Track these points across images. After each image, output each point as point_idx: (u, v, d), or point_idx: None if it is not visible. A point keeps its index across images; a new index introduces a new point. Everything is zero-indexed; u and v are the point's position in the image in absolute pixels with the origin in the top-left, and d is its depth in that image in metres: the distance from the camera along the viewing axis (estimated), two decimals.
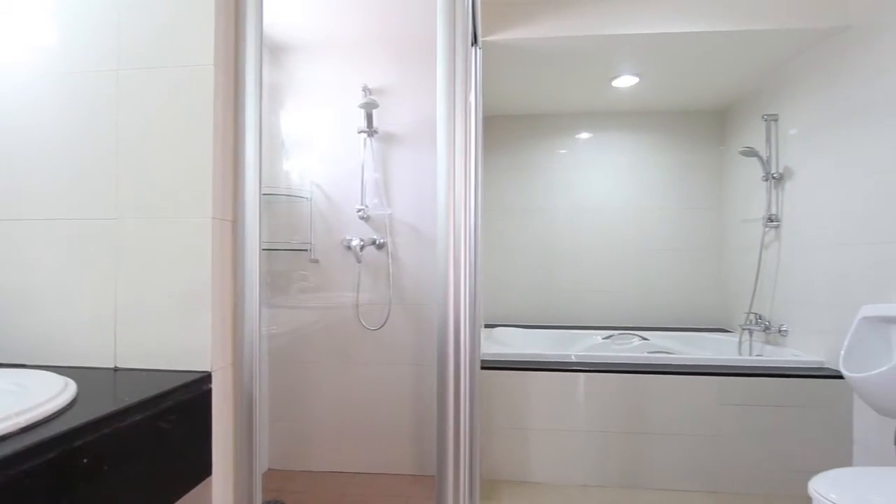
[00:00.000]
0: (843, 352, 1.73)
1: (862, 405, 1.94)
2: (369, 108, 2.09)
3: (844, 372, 1.67)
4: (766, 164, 2.55)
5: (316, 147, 2.25)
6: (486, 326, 3.08)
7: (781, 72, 2.49)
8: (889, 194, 1.81)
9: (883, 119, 1.84)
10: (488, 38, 2.17)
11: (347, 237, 2.20)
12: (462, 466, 0.81)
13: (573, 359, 2.21)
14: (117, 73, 0.89)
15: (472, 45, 1.36)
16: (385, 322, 2.19)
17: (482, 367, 2.15)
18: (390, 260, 2.19)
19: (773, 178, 2.52)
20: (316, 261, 2.24)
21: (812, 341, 2.23)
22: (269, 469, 2.24)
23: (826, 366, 2.10)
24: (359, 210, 2.18)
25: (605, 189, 3.20)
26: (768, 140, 2.57)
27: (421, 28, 2.12)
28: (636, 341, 2.83)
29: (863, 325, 1.75)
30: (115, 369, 0.88)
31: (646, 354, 2.31)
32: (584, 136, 3.22)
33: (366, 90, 2.16)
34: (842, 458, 1.99)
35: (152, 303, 0.87)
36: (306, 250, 2.25)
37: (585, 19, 2.15)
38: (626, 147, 3.19)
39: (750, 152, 2.54)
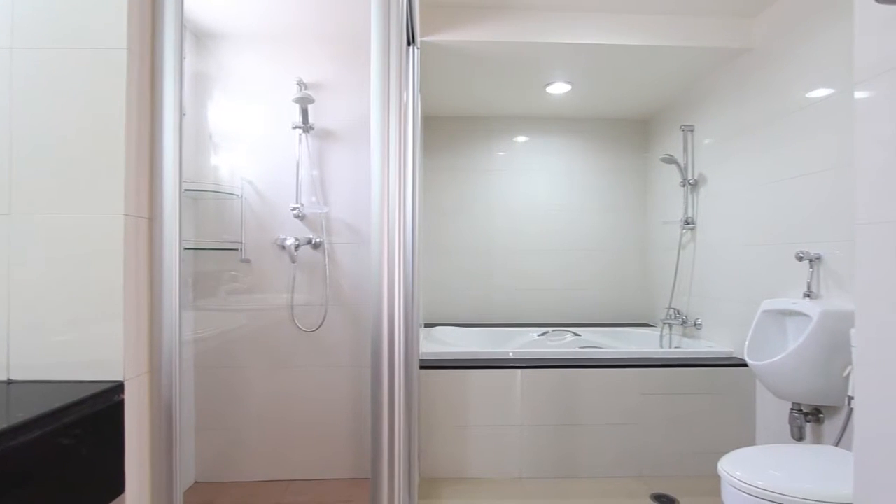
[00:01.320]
0: (747, 342, 1.91)
1: (763, 390, 2.15)
2: (304, 103, 2.03)
3: (748, 360, 1.85)
4: (683, 170, 2.76)
5: (247, 142, 2.14)
6: (426, 326, 3.09)
7: (697, 86, 2.71)
8: (785, 200, 2.02)
9: (780, 133, 2.06)
10: (427, 39, 2.17)
11: (281, 236, 2.12)
12: (397, 467, 0.81)
13: (511, 356, 2.27)
14: (11, 51, 0.79)
15: (410, 44, 1.36)
16: (322, 323, 2.13)
17: (421, 367, 2.15)
18: (327, 260, 2.14)
19: (690, 183, 2.73)
20: (247, 261, 2.14)
21: (723, 333, 2.44)
22: (196, 482, 2.10)
23: (734, 355, 2.31)
24: (293, 208, 2.10)
25: (540, 191, 3.31)
26: (685, 149, 2.78)
27: (358, 24, 2.08)
28: (569, 337, 2.96)
29: (763, 317, 1.94)
30: (9, 382, 0.79)
31: (577, 349, 2.42)
32: (521, 139, 3.32)
33: (301, 84, 2.09)
34: (747, 437, 2.20)
35: (54, 308, 0.79)
36: (237, 250, 2.14)
37: (521, 26, 2.21)
38: (560, 151, 3.32)
39: (669, 159, 2.74)
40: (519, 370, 2.18)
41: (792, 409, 1.86)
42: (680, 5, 2.16)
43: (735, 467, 1.34)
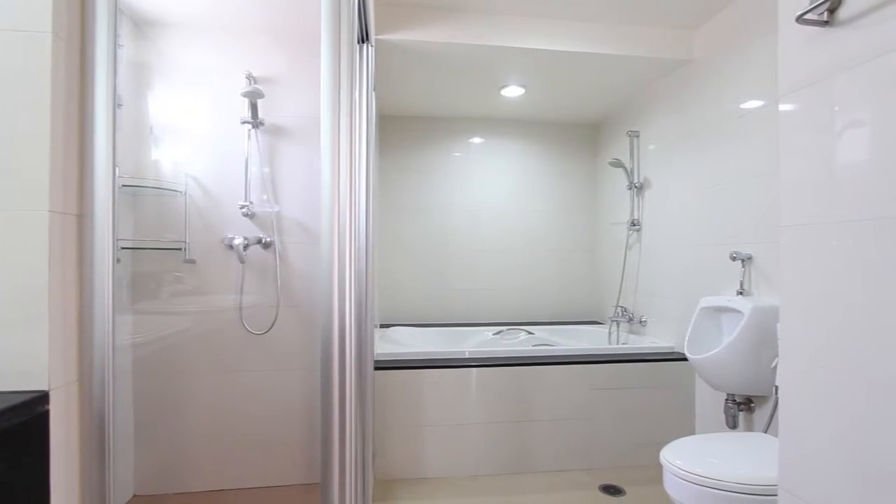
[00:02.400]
0: (687, 337, 2.02)
1: (701, 382, 2.29)
2: (254, 98, 1.96)
3: (688, 354, 1.96)
4: (629, 174, 2.88)
5: (192, 136, 2.04)
6: (382, 326, 3.06)
7: (642, 93, 2.84)
8: (721, 204, 2.16)
9: (716, 140, 2.19)
10: (382, 37, 2.15)
11: (229, 235, 2.03)
12: (348, 471, 0.79)
13: (467, 355, 2.29)
14: None
15: (363, 41, 1.34)
16: (272, 325, 2.06)
17: (376, 368, 2.13)
18: (278, 260, 2.07)
19: (636, 186, 2.86)
20: (192, 261, 2.04)
21: (665, 329, 2.57)
22: (135, 495, 1.98)
23: (675, 350, 2.44)
24: (242, 206, 2.02)
25: (495, 192, 3.36)
26: (631, 153, 2.91)
27: (310, 17, 2.03)
28: (523, 335, 3.02)
29: (701, 314, 2.06)
30: None
31: (531, 347, 2.47)
32: (477, 140, 3.35)
33: (250, 78, 2.02)
34: (687, 427, 2.33)
35: None
36: (180, 249, 2.04)
37: (476, 29, 2.24)
38: (515, 153, 3.39)
39: (617, 163, 2.86)
40: (474, 369, 2.20)
41: (727, 399, 1.98)
42: (627, 16, 2.25)
43: (675, 456, 1.41)
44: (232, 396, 2.05)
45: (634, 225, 2.85)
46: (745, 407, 1.97)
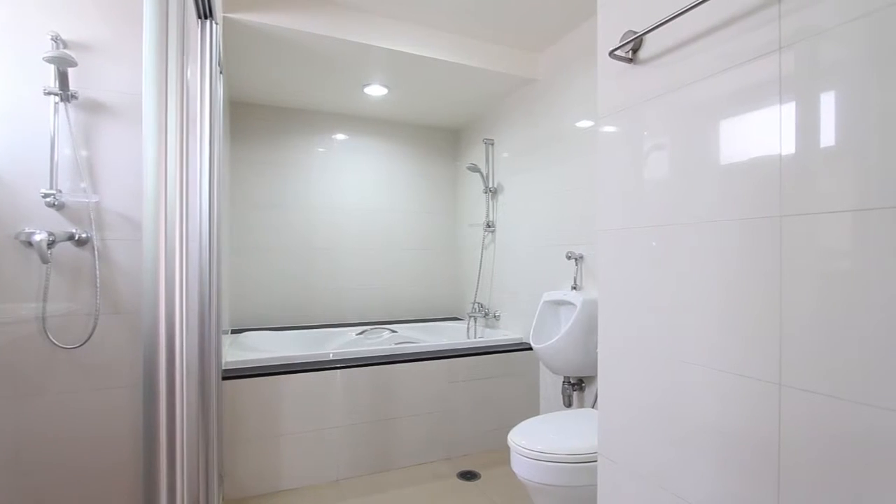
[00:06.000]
0: (532, 329, 2.25)
1: (544, 368, 2.56)
2: (62, 65, 1.62)
3: (532, 344, 2.17)
4: (485, 179, 3.10)
5: None
6: (234, 332, 2.81)
7: (497, 105, 3.07)
8: (560, 209, 2.44)
9: (556, 152, 2.47)
10: (233, 15, 1.97)
11: (27, 230, 1.66)
12: (181, 498, 0.71)
13: (331, 356, 2.22)
14: None
15: (206, 17, 1.21)
16: (89, 337, 1.74)
17: (225, 377, 1.94)
18: (97, 259, 1.76)
19: (491, 191, 3.08)
20: None
21: (516, 322, 2.82)
22: None
23: (524, 341, 2.69)
24: (46, 195, 1.67)
25: (360, 191, 3.32)
26: (487, 160, 3.13)
27: None
28: (386, 334, 3.04)
29: (544, 307, 2.30)
30: None
31: (393, 346, 2.50)
32: (341, 137, 3.28)
33: (57, 40, 1.67)
34: (533, 410, 2.59)
35: None
36: None
37: (339, 22, 2.18)
38: (380, 153, 3.39)
39: (474, 168, 3.05)
40: (336, 371, 2.14)
41: (563, 381, 2.25)
42: (485, 32, 2.41)
43: (521, 437, 1.56)
44: (32, 426, 1.68)
45: (490, 226, 3.07)
46: (577, 387, 2.26)
